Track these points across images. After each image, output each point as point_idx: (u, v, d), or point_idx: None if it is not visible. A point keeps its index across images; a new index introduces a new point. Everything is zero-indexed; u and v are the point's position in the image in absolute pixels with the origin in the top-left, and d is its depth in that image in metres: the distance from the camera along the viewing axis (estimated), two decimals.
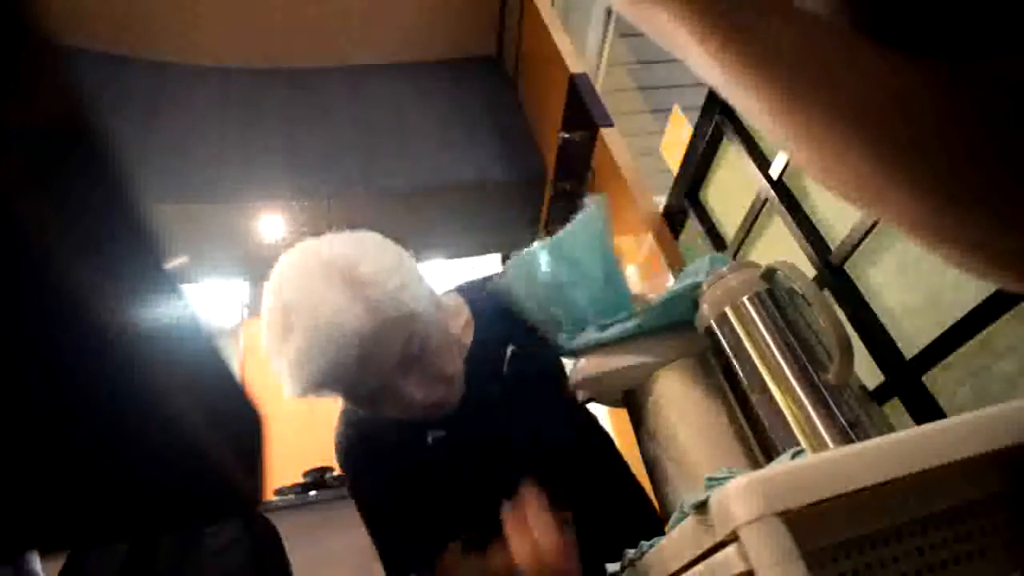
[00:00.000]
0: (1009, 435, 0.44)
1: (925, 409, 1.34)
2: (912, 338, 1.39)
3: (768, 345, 0.67)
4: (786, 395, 0.65)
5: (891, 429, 0.64)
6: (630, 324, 0.83)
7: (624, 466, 1.03)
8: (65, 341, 0.13)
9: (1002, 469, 0.47)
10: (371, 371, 0.75)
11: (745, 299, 0.70)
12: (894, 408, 1.41)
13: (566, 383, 0.94)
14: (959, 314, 1.25)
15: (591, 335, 0.86)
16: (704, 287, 0.76)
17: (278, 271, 0.79)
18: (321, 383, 0.74)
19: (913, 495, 0.44)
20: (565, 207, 3.07)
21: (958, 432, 0.45)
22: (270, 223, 3.28)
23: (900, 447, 0.44)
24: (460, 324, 0.94)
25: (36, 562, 1.09)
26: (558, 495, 0.71)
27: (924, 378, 1.36)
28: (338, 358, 0.71)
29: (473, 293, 0.99)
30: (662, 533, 0.87)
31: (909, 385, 1.38)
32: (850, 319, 1.49)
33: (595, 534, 0.80)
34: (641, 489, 0.99)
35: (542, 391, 0.95)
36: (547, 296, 0.90)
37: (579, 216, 0.92)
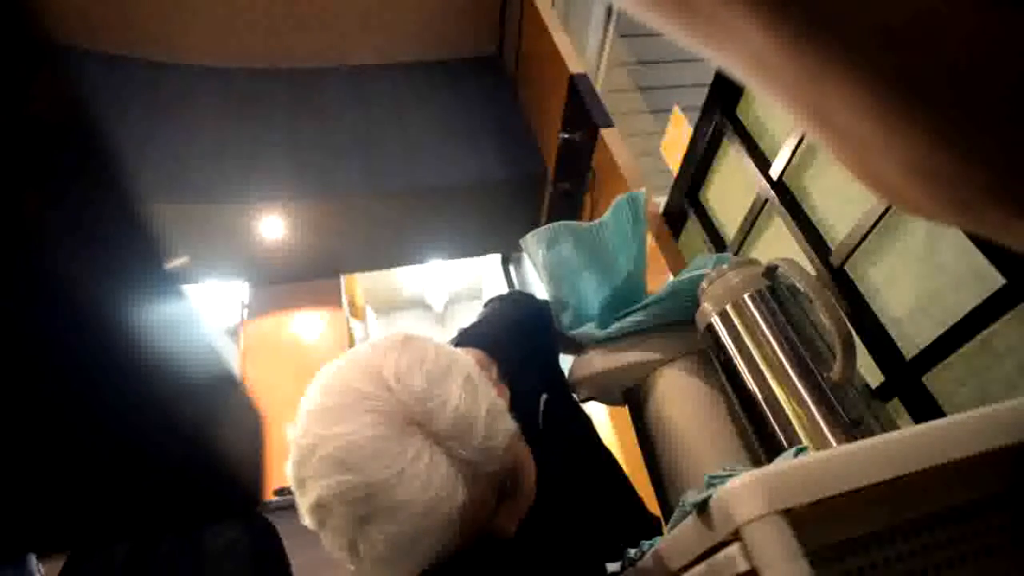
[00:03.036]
0: (1013, 432, 0.44)
1: (925, 410, 1.34)
2: (912, 338, 1.38)
3: (770, 342, 0.67)
4: (788, 393, 0.64)
5: (896, 427, 0.63)
6: (631, 320, 0.83)
7: (615, 463, 1.03)
8: (64, 341, 0.13)
9: (1005, 468, 0.46)
10: (468, 534, 0.59)
11: (746, 296, 0.70)
12: (894, 409, 1.41)
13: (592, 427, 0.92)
14: (959, 314, 1.25)
15: (591, 331, 0.86)
16: (705, 284, 0.76)
17: (335, 433, 0.56)
18: (422, 567, 0.58)
19: (917, 493, 0.44)
20: (565, 207, 3.07)
21: (963, 429, 0.45)
22: (270, 223, 3.28)
23: (905, 444, 0.43)
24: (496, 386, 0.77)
25: (33, 561, 1.09)
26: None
27: (924, 379, 1.36)
28: (440, 539, 0.56)
29: (484, 340, 0.83)
30: (653, 531, 0.88)
31: (909, 386, 1.38)
32: (850, 320, 1.49)
33: (592, 535, 0.80)
34: (631, 487, 0.99)
35: (575, 438, 0.89)
36: (556, 277, 0.89)
37: (613, 207, 0.89)
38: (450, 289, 5.68)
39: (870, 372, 1.44)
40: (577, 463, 0.88)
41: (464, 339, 0.86)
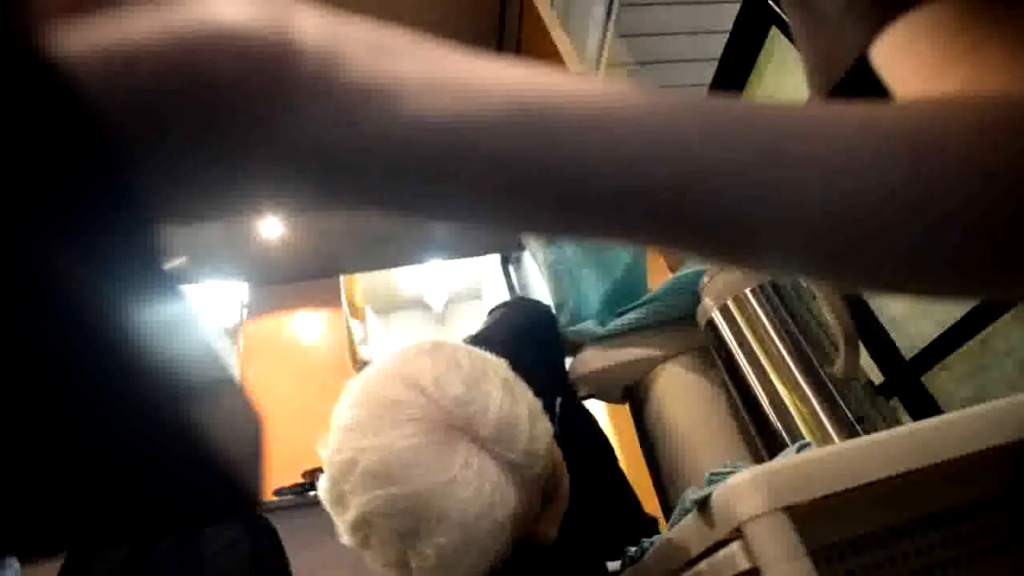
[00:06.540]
0: (1014, 430, 0.44)
1: (925, 410, 1.34)
2: (912, 338, 1.38)
3: (771, 338, 0.67)
4: (790, 388, 0.64)
5: (900, 424, 0.63)
6: (631, 317, 0.83)
7: (615, 461, 1.03)
8: (63, 342, 0.13)
9: (1005, 467, 0.46)
10: (514, 541, 0.57)
11: (748, 291, 0.70)
12: (894, 409, 1.41)
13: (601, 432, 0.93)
14: (959, 314, 1.25)
15: (591, 328, 0.86)
16: (706, 279, 0.76)
17: (375, 445, 0.53)
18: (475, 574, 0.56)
19: (918, 492, 0.44)
20: None
21: (966, 426, 0.44)
22: (270, 223, 3.28)
23: (908, 441, 0.43)
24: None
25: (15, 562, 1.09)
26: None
27: (923, 379, 1.36)
28: (494, 546, 0.54)
29: (493, 345, 0.80)
30: (651, 531, 0.88)
31: (908, 385, 1.38)
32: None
33: (594, 533, 0.80)
34: (630, 486, 0.99)
35: (584, 438, 0.90)
36: (556, 273, 0.89)
37: None
38: (450, 289, 5.68)
39: (870, 372, 1.44)
40: (588, 463, 0.88)
41: (473, 345, 0.85)
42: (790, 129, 0.21)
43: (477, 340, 0.88)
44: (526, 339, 0.89)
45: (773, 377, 0.66)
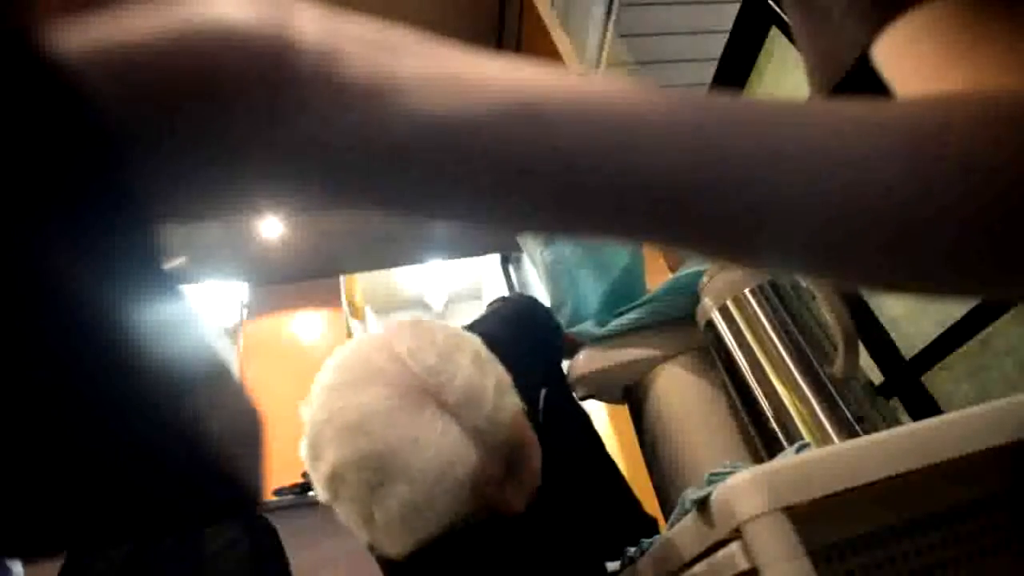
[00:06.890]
0: (1014, 430, 0.44)
1: (924, 410, 1.34)
2: (912, 338, 1.38)
3: (771, 338, 0.67)
4: (790, 389, 0.64)
5: (899, 424, 0.63)
6: (630, 317, 0.83)
7: (612, 462, 1.03)
8: (63, 342, 0.13)
9: (1005, 466, 0.46)
10: (477, 505, 0.62)
11: (747, 291, 0.70)
12: (894, 409, 1.41)
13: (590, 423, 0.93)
14: (959, 314, 1.25)
15: (590, 328, 0.86)
16: (705, 279, 0.76)
17: (351, 404, 0.59)
18: (435, 533, 0.60)
19: (917, 492, 0.44)
20: None
21: (965, 426, 0.44)
22: (270, 223, 3.28)
23: (907, 441, 0.43)
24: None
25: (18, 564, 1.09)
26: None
27: (923, 378, 1.36)
28: (454, 503, 0.59)
29: (483, 336, 0.80)
30: (650, 530, 0.88)
31: (908, 385, 1.38)
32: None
33: (590, 531, 0.80)
34: (627, 485, 0.99)
35: (574, 433, 0.91)
36: (555, 274, 0.89)
37: None
38: (450, 289, 5.68)
39: (869, 372, 1.44)
40: (576, 457, 0.89)
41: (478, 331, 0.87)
42: (790, 126, 0.21)
43: (472, 329, 0.89)
44: (516, 330, 0.91)
45: (772, 377, 0.66)
